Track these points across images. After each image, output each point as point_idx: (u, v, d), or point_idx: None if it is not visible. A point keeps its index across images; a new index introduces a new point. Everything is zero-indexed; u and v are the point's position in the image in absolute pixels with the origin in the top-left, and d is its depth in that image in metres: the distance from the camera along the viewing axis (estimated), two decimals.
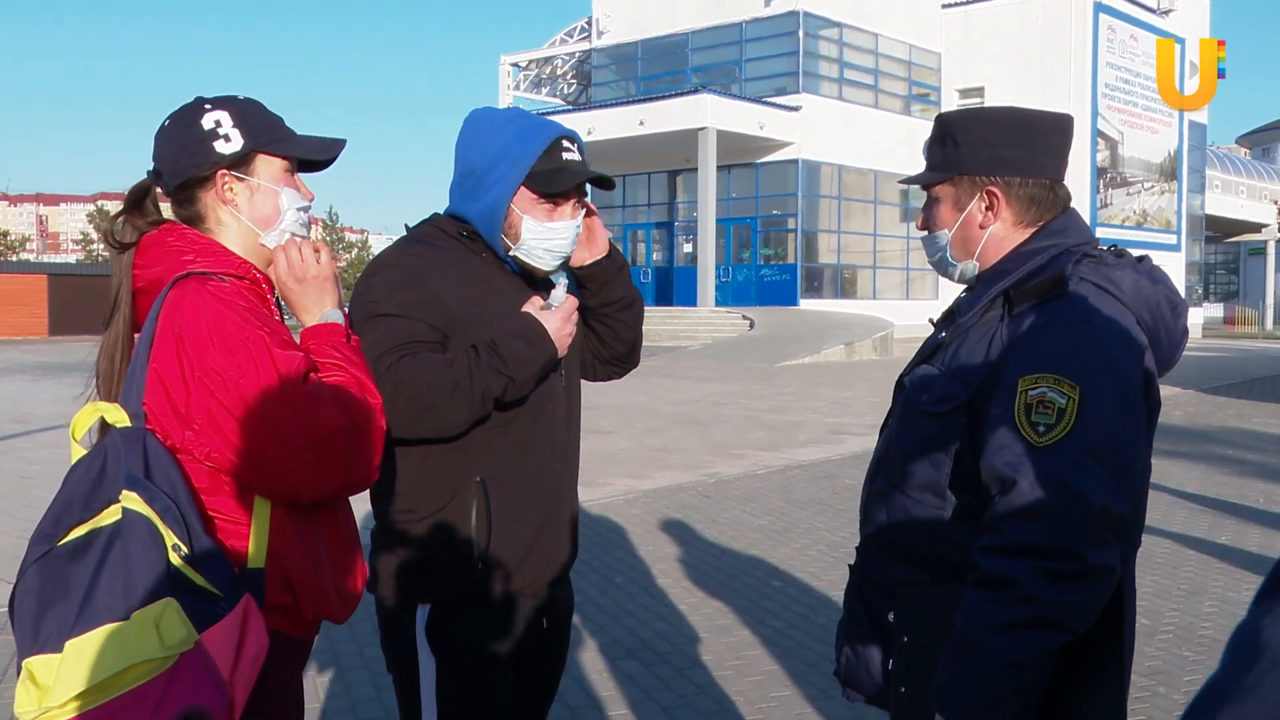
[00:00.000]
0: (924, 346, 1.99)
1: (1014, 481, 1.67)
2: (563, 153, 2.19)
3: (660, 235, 33.63)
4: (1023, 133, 1.88)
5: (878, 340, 24.57)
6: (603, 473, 8.89)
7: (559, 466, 2.27)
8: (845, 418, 12.97)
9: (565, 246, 2.23)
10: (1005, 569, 1.65)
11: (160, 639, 1.61)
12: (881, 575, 1.93)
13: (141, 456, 1.72)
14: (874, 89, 32.62)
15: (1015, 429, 1.69)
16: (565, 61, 38.42)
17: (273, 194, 1.96)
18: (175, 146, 1.92)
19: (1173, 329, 1.85)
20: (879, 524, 1.95)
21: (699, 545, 6.67)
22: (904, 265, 33.22)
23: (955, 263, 1.96)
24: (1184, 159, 38.38)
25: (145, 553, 1.64)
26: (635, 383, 16.96)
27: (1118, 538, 1.68)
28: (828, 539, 6.79)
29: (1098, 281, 1.79)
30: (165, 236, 1.91)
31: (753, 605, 5.41)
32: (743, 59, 31.70)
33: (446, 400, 2.03)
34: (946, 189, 1.93)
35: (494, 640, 2.18)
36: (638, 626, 5.09)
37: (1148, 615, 5.12)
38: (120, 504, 1.67)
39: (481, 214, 2.19)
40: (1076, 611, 1.65)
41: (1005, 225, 1.90)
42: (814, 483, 8.80)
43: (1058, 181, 1.91)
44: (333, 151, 2.01)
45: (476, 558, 2.13)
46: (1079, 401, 1.67)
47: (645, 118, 28.87)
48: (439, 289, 2.13)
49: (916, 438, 1.88)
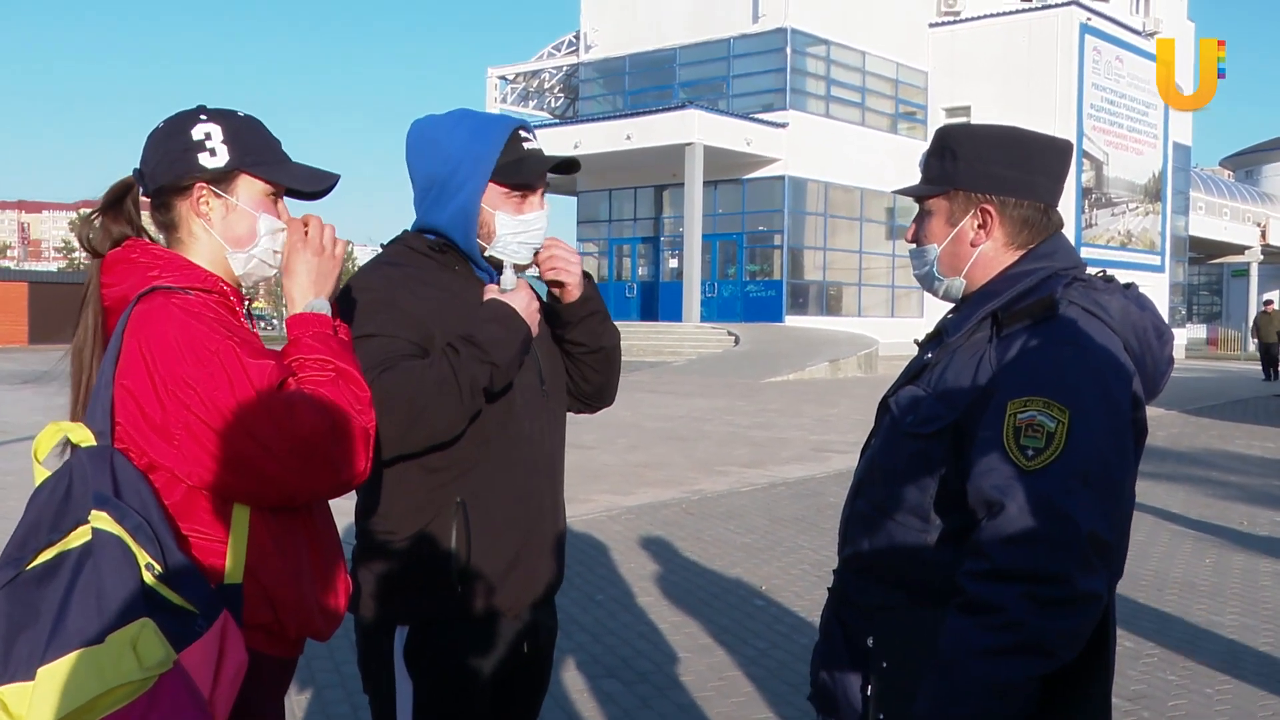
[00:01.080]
0: (909, 367, 1.98)
1: (1002, 505, 1.66)
2: (523, 143, 2.19)
3: (646, 250, 33.67)
4: (1023, 153, 1.88)
5: (863, 358, 24.63)
6: (585, 488, 8.86)
7: (542, 485, 2.25)
8: (830, 435, 12.97)
9: (539, 237, 2.23)
10: (992, 594, 1.64)
11: (138, 660, 1.58)
12: (860, 598, 1.91)
13: (110, 475, 1.69)
14: (861, 106, 32.78)
15: (1004, 452, 1.68)
16: (553, 75, 38.50)
17: (249, 217, 1.93)
18: (160, 151, 1.91)
19: (1159, 356, 1.85)
20: (859, 546, 1.93)
21: (681, 563, 6.65)
22: (889, 283, 33.34)
23: (941, 278, 1.96)
24: (1168, 180, 38.68)
25: (118, 572, 1.61)
26: (619, 398, 16.80)
27: (1105, 564, 1.67)
28: (811, 558, 6.78)
29: (1087, 306, 1.79)
30: (129, 253, 1.88)
31: (735, 625, 5.39)
32: (730, 75, 31.81)
33: (435, 402, 2.01)
34: (940, 203, 1.93)
35: (473, 663, 2.15)
36: (618, 645, 5.06)
37: (1131, 639, 5.12)
38: (90, 524, 1.64)
39: (453, 219, 2.18)
40: (1064, 638, 1.64)
41: (996, 245, 1.89)
42: (798, 500, 8.79)
43: (1052, 206, 1.91)
44: (322, 184, 1.98)
45: (456, 579, 2.11)
46: (1068, 425, 1.66)
47: (632, 132, 28.94)
48: (411, 307, 2.11)
49: (900, 459, 1.87)
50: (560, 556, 2.32)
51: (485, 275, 2.23)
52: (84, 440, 1.72)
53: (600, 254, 34.77)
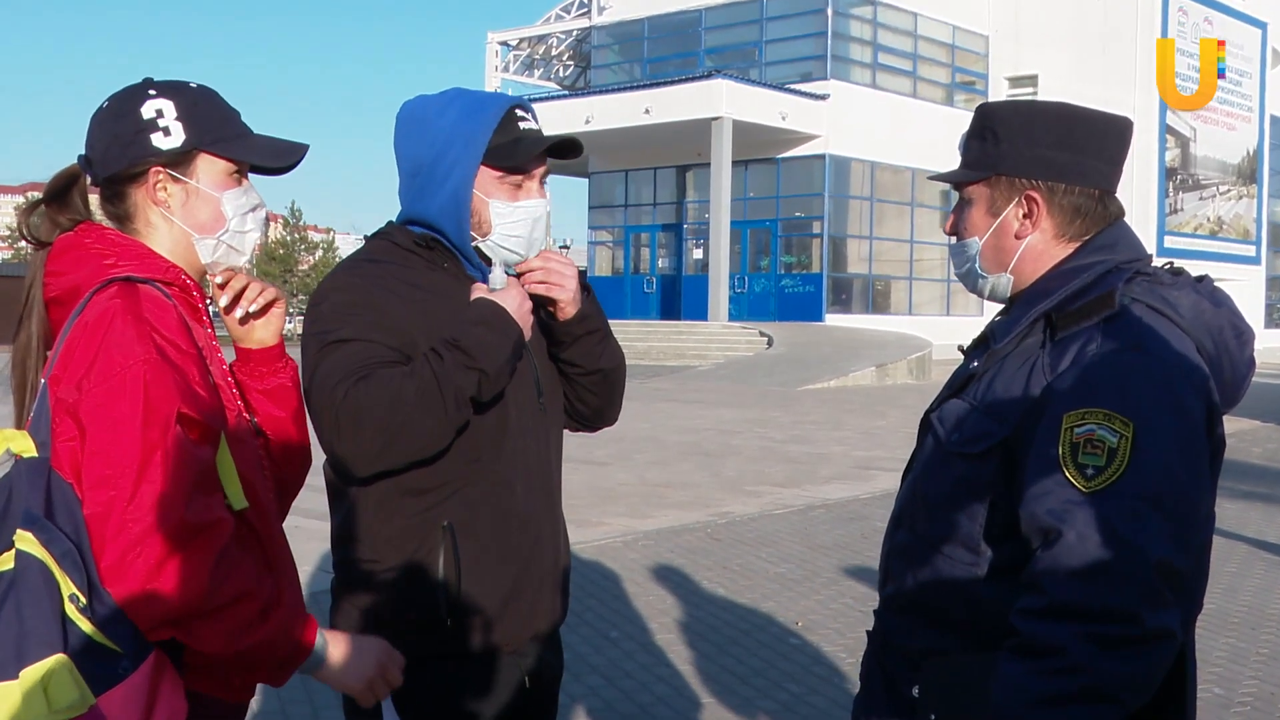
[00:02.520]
0: (953, 378, 1.98)
1: (1059, 533, 1.67)
2: (518, 122, 2.21)
3: (667, 239, 33.70)
4: (1073, 133, 1.88)
5: (914, 362, 24.58)
6: (598, 510, 8.88)
7: (540, 508, 2.27)
8: (876, 451, 12.96)
9: (539, 229, 2.25)
10: (1049, 634, 1.64)
11: (47, 703, 1.59)
12: (904, 641, 1.92)
13: (44, 493, 1.70)
14: (912, 76, 32.74)
15: (1060, 472, 1.68)
16: (561, 40, 38.60)
17: (212, 200, 1.95)
18: (108, 134, 1.91)
19: (1237, 359, 1.85)
20: (902, 583, 1.94)
21: (706, 596, 6.66)
22: (945, 277, 33.21)
23: (985, 275, 1.96)
24: (1265, 159, 38.45)
25: (36, 602, 1.63)
26: (636, 408, 16.94)
27: (1178, 598, 1.67)
28: (854, 590, 6.78)
29: (1152, 303, 1.79)
30: (82, 238, 1.89)
31: (767, 666, 5.39)
32: (763, 40, 31.83)
33: (417, 414, 2.02)
34: (981, 190, 1.94)
35: (466, 703, 2.18)
36: (635, 689, 5.07)
37: (1222, 684, 5.10)
38: (15, 547, 1.66)
39: (444, 209, 2.20)
40: (1131, 683, 1.64)
41: (1044, 237, 1.90)
42: (839, 525, 8.79)
43: (1108, 193, 1.91)
44: (289, 159, 2.01)
45: (445, 612, 2.13)
46: (1133, 440, 1.66)
47: (651, 105, 28.97)
48: (392, 309, 2.13)
49: (945, 483, 1.87)
50: (564, 587, 2.34)
51: (478, 273, 2.25)
52: (26, 450, 1.74)
53: (615, 244, 34.85)
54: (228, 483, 1.84)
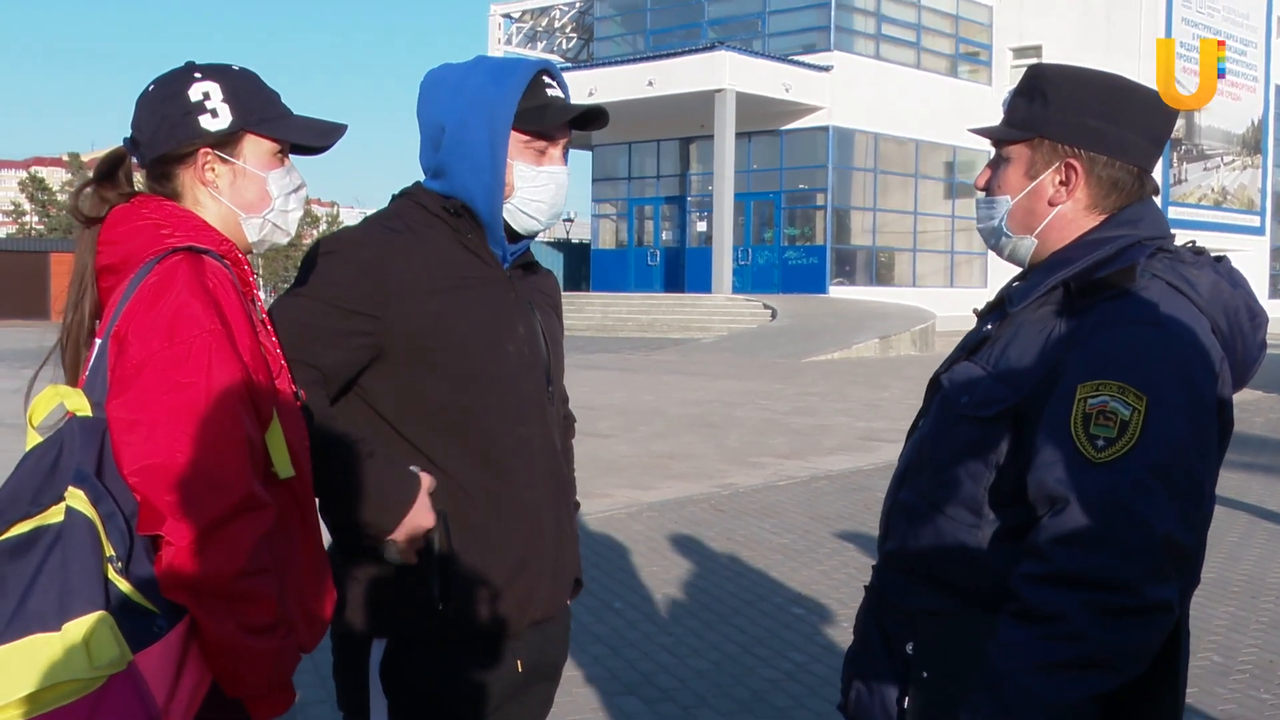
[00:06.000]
0: (966, 340, 1.98)
1: (1066, 501, 1.67)
2: (546, 88, 2.20)
3: (670, 212, 33.63)
4: (1123, 106, 1.87)
5: (917, 333, 24.57)
6: (601, 483, 8.90)
7: (544, 497, 2.25)
8: (879, 422, 12.97)
9: (560, 196, 2.23)
10: (1051, 601, 1.65)
11: (89, 657, 1.62)
12: (902, 600, 1.93)
13: (96, 452, 1.73)
14: (916, 47, 32.56)
15: (1071, 442, 1.69)
16: (564, 12, 38.41)
17: (258, 180, 2.00)
18: (156, 117, 1.95)
19: (1250, 341, 1.85)
20: (902, 542, 1.95)
21: (710, 566, 6.69)
22: (948, 248, 33.19)
23: (1010, 235, 1.95)
24: (1270, 129, 38.26)
25: (84, 559, 1.66)
26: (640, 380, 16.97)
27: (1179, 572, 1.69)
28: (857, 560, 6.80)
29: (1172, 281, 1.78)
30: (139, 209, 1.92)
31: (770, 636, 5.42)
32: (766, 11, 31.66)
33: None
34: (1021, 150, 1.91)
35: (455, 685, 2.17)
36: (638, 659, 5.10)
37: (1221, 652, 5.12)
38: (64, 502, 1.68)
39: (477, 172, 2.16)
40: (1129, 652, 1.65)
41: (1077, 206, 1.89)
42: (843, 496, 8.81)
43: (1146, 171, 1.90)
44: (330, 138, 2.06)
45: (437, 597, 2.13)
46: (1145, 414, 1.66)
47: (654, 77, 28.86)
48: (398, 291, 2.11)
49: (953, 445, 1.87)
50: (570, 575, 2.33)
51: (498, 250, 2.23)
52: (80, 409, 1.77)
53: (619, 216, 34.77)
54: (275, 451, 1.87)
